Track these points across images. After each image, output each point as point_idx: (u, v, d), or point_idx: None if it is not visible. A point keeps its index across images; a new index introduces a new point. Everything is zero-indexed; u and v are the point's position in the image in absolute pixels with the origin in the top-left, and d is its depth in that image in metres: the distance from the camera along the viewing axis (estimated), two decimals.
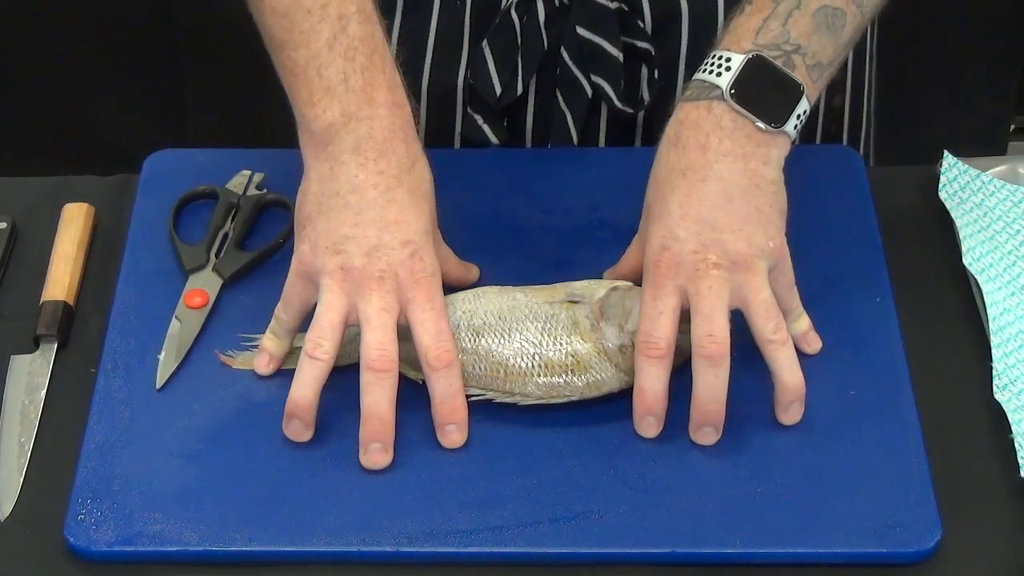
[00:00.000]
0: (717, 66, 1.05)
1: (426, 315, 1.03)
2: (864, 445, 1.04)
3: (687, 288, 1.02)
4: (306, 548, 0.99)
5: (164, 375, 1.08)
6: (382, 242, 1.03)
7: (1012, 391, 1.07)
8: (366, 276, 1.03)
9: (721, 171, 1.04)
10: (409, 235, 1.04)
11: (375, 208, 1.04)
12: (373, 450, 1.02)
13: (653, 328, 1.02)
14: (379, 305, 1.02)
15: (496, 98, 1.24)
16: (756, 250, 1.03)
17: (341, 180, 1.04)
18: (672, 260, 1.03)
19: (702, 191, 1.03)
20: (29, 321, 1.13)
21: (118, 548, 0.99)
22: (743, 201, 1.04)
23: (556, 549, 0.99)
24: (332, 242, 1.04)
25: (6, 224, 1.20)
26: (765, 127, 1.04)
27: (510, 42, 1.24)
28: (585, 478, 1.02)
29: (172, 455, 1.04)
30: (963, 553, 0.99)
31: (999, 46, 2.18)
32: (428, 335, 1.03)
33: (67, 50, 2.14)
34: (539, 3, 1.23)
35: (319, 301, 1.04)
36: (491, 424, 1.05)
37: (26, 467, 1.05)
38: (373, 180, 1.04)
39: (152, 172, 1.23)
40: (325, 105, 1.05)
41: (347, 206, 1.04)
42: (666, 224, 1.04)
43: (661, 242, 1.03)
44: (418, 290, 1.03)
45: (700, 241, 1.03)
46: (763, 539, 0.99)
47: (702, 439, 1.03)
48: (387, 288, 1.03)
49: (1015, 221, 1.18)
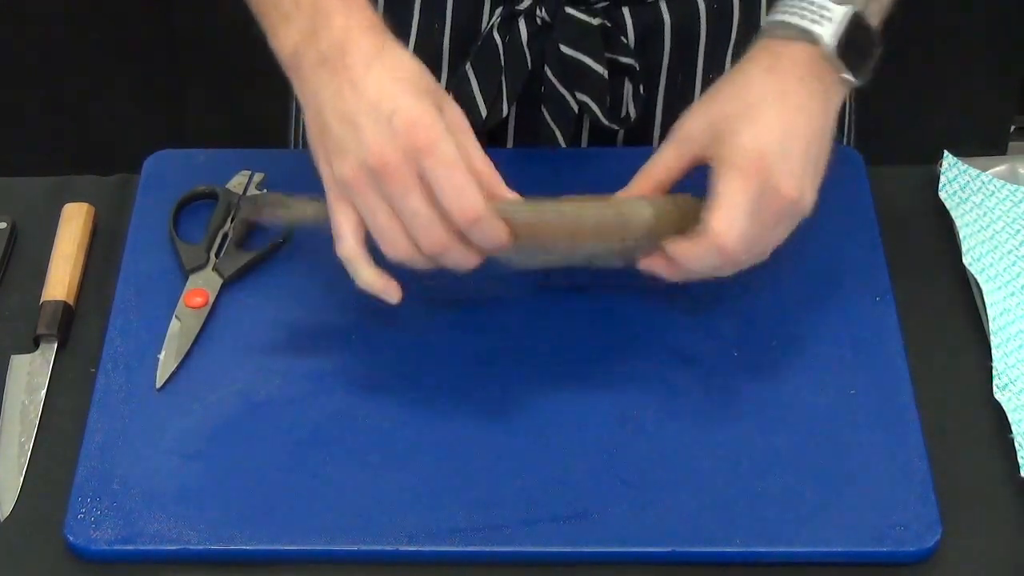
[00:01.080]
0: (814, 13, 1.06)
1: (437, 172, 1.00)
2: (864, 445, 1.04)
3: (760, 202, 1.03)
4: (306, 547, 0.99)
5: (164, 375, 1.08)
6: (372, 122, 1.01)
7: (1012, 391, 1.07)
8: (374, 165, 1.01)
9: (814, 108, 1.05)
10: (393, 104, 1.02)
11: (354, 98, 1.02)
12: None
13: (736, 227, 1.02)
14: (400, 191, 1.00)
15: (482, 121, 1.23)
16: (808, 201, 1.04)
17: (321, 94, 1.04)
18: (767, 161, 1.02)
19: (796, 119, 1.04)
20: (29, 321, 1.13)
21: (118, 547, 0.99)
22: (820, 143, 1.05)
23: (556, 549, 0.99)
24: (337, 148, 1.02)
25: (6, 224, 1.20)
26: (851, 78, 1.06)
27: (493, 64, 1.23)
28: (585, 478, 1.02)
29: (172, 454, 1.04)
30: (963, 553, 0.99)
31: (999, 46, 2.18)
32: (446, 197, 1.01)
33: (67, 50, 2.14)
34: (521, 22, 1.23)
35: (362, 214, 1.03)
36: (491, 424, 1.05)
37: (26, 467, 1.05)
38: (346, 76, 1.03)
39: (152, 172, 1.23)
40: (285, 32, 1.06)
41: (335, 111, 1.03)
42: (763, 129, 1.03)
43: (755, 139, 1.03)
44: (419, 151, 1.00)
45: (789, 164, 1.03)
46: (763, 539, 0.99)
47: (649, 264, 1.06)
48: (395, 166, 1.00)
49: (1015, 221, 1.18)
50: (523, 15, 1.22)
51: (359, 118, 1.01)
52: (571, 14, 1.21)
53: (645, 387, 1.07)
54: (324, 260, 1.16)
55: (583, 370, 1.08)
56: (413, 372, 1.08)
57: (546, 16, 1.22)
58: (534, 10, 1.22)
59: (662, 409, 1.06)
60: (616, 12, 1.22)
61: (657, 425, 1.05)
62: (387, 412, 1.06)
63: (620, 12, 1.22)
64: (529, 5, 1.22)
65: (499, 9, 1.23)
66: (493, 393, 1.07)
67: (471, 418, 1.06)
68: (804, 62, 1.06)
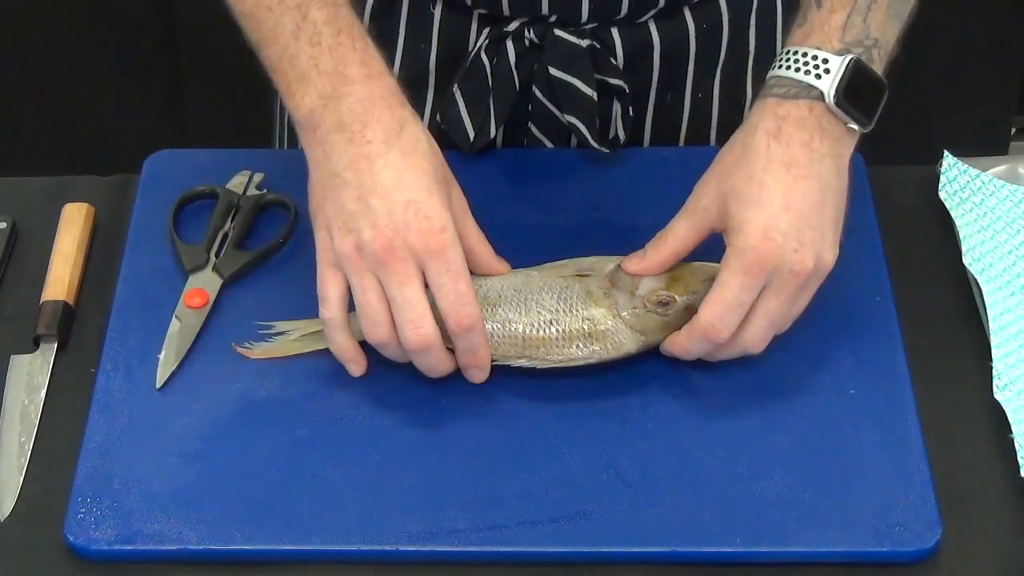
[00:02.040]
0: (814, 66, 1.05)
1: (443, 278, 1.03)
2: (864, 445, 1.04)
3: (771, 283, 1.03)
4: (306, 547, 0.99)
5: (164, 375, 1.08)
6: (385, 209, 1.03)
7: (1012, 391, 1.07)
8: (378, 250, 1.02)
9: (822, 171, 1.05)
10: (410, 195, 1.03)
11: (370, 177, 1.03)
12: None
13: (728, 317, 1.04)
14: (399, 279, 1.02)
15: (469, 144, 1.23)
16: (824, 268, 1.05)
17: (334, 160, 1.04)
18: (776, 253, 1.03)
19: (804, 187, 1.04)
20: (29, 321, 1.13)
21: (118, 547, 0.99)
22: (833, 202, 1.05)
23: (556, 549, 0.99)
24: (343, 222, 1.03)
25: (6, 224, 1.20)
26: (857, 128, 1.06)
27: (482, 85, 1.23)
28: (585, 478, 1.02)
29: (172, 454, 1.04)
30: (963, 553, 0.99)
31: (999, 46, 2.18)
32: (446, 300, 1.03)
33: (67, 50, 2.14)
34: (509, 44, 1.22)
35: (352, 288, 1.04)
36: (491, 424, 1.05)
37: (26, 467, 1.05)
38: (364, 151, 1.04)
39: (152, 172, 1.23)
40: (303, 93, 1.06)
41: (346, 183, 1.04)
42: (769, 212, 1.03)
43: (764, 231, 1.03)
44: (430, 252, 1.02)
45: (800, 240, 1.03)
46: (763, 539, 0.99)
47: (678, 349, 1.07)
48: (401, 256, 1.02)
49: (1015, 221, 1.18)
50: (511, 37, 1.22)
51: (372, 199, 1.02)
52: (560, 36, 1.21)
53: (645, 387, 1.07)
54: None
55: (583, 370, 1.08)
56: (413, 372, 1.08)
57: (535, 38, 1.21)
58: (523, 32, 1.22)
59: (662, 409, 1.06)
60: (605, 33, 1.22)
61: (657, 425, 1.05)
62: (387, 412, 1.06)
63: (609, 33, 1.22)
64: (518, 27, 1.22)
65: (487, 30, 1.23)
66: (493, 393, 1.07)
67: (471, 418, 1.06)
68: (808, 122, 1.05)
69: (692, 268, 1.09)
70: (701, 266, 1.09)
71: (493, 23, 1.22)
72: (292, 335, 1.10)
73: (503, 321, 1.07)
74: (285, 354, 1.10)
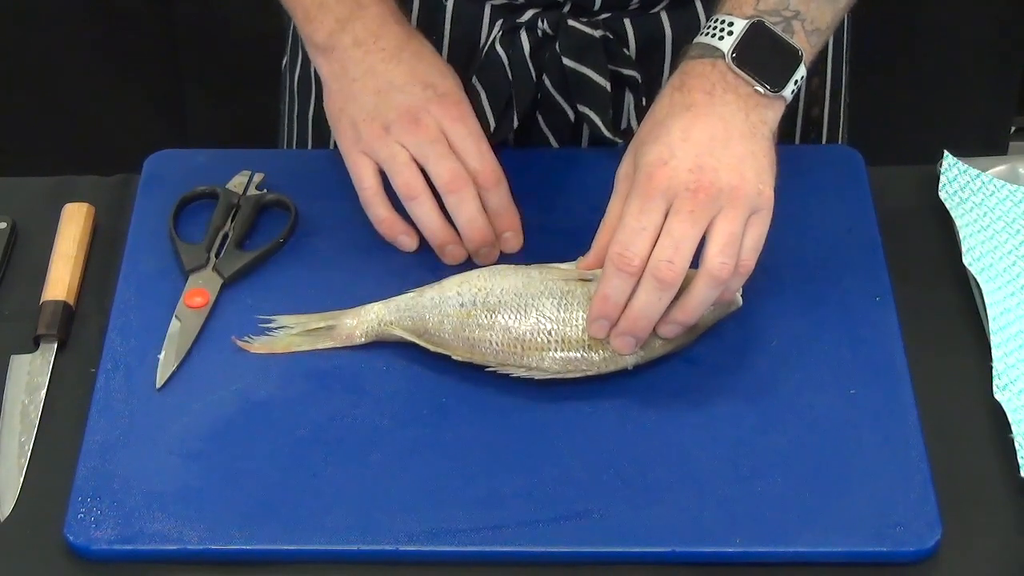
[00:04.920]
0: (719, 30, 1.07)
1: (466, 142, 1.14)
2: (864, 445, 1.04)
3: (673, 206, 1.03)
4: (306, 547, 0.99)
5: (164, 375, 1.08)
6: (405, 94, 1.14)
7: (1012, 391, 1.07)
8: (406, 124, 1.13)
9: (724, 112, 1.06)
10: (426, 79, 1.15)
11: (386, 75, 1.15)
12: (484, 253, 1.14)
13: (631, 243, 1.04)
14: (429, 140, 1.13)
15: (490, 134, 1.23)
16: (748, 186, 1.04)
17: (352, 69, 1.15)
18: (668, 174, 1.03)
19: (705, 123, 1.05)
20: (29, 321, 1.13)
21: (118, 547, 0.99)
22: (741, 143, 1.05)
23: (556, 548, 0.99)
24: (366, 114, 1.14)
25: (6, 224, 1.20)
26: (764, 91, 1.06)
27: (501, 76, 1.24)
28: (585, 478, 1.02)
29: (172, 454, 1.04)
30: (963, 553, 0.99)
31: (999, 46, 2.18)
32: (472, 158, 1.14)
33: (67, 50, 2.14)
34: (523, 35, 1.23)
35: (383, 162, 1.13)
36: (491, 424, 1.05)
37: (26, 467, 1.05)
38: (379, 56, 1.15)
39: (152, 172, 1.23)
40: (321, 18, 1.16)
41: (364, 86, 1.15)
42: (666, 143, 1.05)
43: (659, 157, 1.04)
44: (451, 119, 1.14)
45: (697, 162, 1.03)
46: (763, 539, 0.99)
47: (621, 344, 1.06)
48: (426, 124, 1.13)
49: (1015, 221, 1.18)
50: (525, 27, 1.22)
51: (391, 91, 1.14)
52: (573, 26, 1.21)
53: (645, 387, 1.07)
54: (323, 260, 1.16)
55: None
56: (413, 372, 1.08)
57: (548, 28, 1.22)
58: (536, 22, 1.22)
59: (662, 409, 1.06)
60: (618, 23, 1.22)
61: (657, 425, 1.05)
62: (387, 412, 1.06)
63: (622, 23, 1.22)
64: (531, 17, 1.22)
65: (500, 21, 1.23)
66: (493, 393, 1.07)
67: (471, 418, 1.06)
68: (711, 75, 1.06)
69: None
70: None
71: (506, 13, 1.23)
72: (293, 330, 1.10)
73: (503, 329, 1.07)
74: (285, 350, 1.10)
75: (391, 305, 1.10)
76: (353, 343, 1.09)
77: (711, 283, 1.04)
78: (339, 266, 1.16)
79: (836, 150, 1.29)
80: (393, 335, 1.09)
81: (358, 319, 1.10)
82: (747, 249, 1.04)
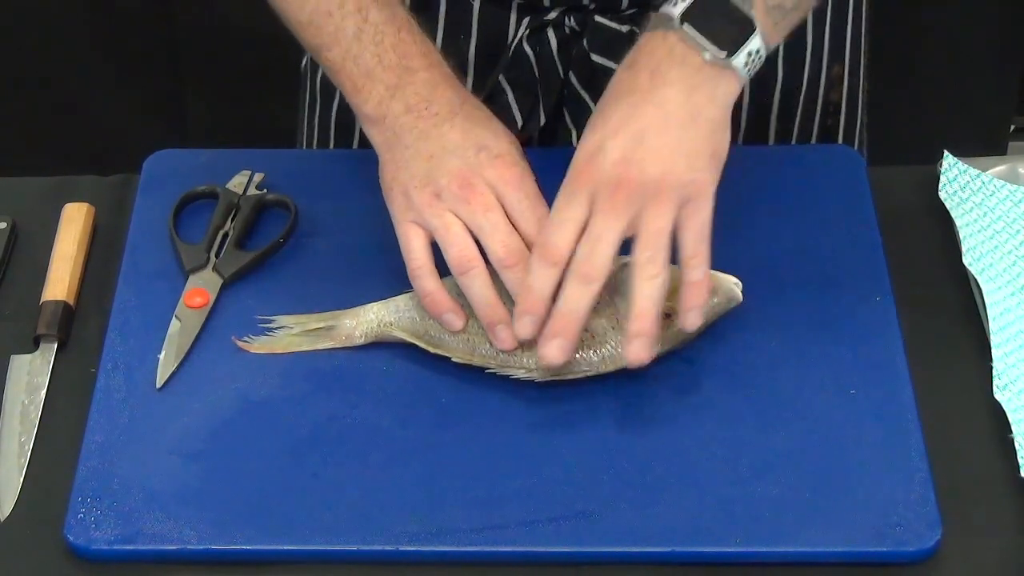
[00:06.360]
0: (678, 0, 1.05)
1: (522, 205, 1.08)
2: (864, 445, 1.04)
3: (595, 201, 1.03)
4: (306, 547, 0.99)
5: (164, 375, 1.08)
6: (458, 158, 1.08)
7: (1012, 391, 1.07)
8: (457, 190, 1.07)
9: (664, 97, 1.04)
10: (481, 142, 1.09)
11: (439, 140, 1.09)
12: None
13: (554, 233, 1.03)
14: (482, 208, 1.07)
15: (518, 131, 1.23)
16: (672, 179, 1.03)
17: (404, 137, 1.10)
18: (594, 168, 1.03)
19: (642, 112, 1.04)
20: (29, 321, 1.13)
21: (118, 547, 0.99)
22: (677, 130, 1.04)
23: (556, 549, 0.99)
24: (418, 181, 1.08)
25: (6, 224, 1.20)
26: (712, 58, 1.04)
27: (527, 74, 1.24)
28: (585, 478, 1.02)
29: (172, 454, 1.04)
30: (963, 553, 0.99)
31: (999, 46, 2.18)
32: (527, 225, 1.07)
33: (67, 50, 2.14)
34: (550, 32, 1.23)
35: (435, 231, 1.07)
36: (491, 424, 1.05)
37: (26, 467, 1.05)
38: (431, 121, 1.10)
39: (152, 172, 1.23)
40: (369, 88, 1.11)
41: (418, 152, 1.09)
42: (600, 135, 1.04)
43: (589, 151, 1.04)
44: (506, 183, 1.08)
45: (624, 156, 1.03)
46: (763, 539, 0.99)
47: (549, 351, 1.04)
48: (480, 190, 1.07)
49: (1015, 221, 1.18)
50: (551, 25, 1.22)
51: (443, 154, 1.08)
52: (600, 22, 1.21)
53: (645, 387, 1.07)
54: (323, 260, 1.16)
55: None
56: (413, 372, 1.08)
57: (575, 25, 1.22)
58: (563, 20, 1.22)
59: (662, 409, 1.06)
60: (644, 19, 1.22)
61: (657, 426, 1.05)
62: (387, 412, 1.06)
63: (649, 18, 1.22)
64: (558, 15, 1.22)
65: (527, 20, 1.23)
66: (493, 393, 1.07)
67: (471, 418, 1.06)
68: (659, 50, 1.05)
69: None
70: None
71: (533, 12, 1.23)
72: (293, 330, 1.10)
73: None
74: (284, 350, 1.10)
75: (391, 306, 1.10)
76: (353, 343, 1.10)
77: (642, 276, 1.02)
78: (339, 266, 1.16)
79: (836, 150, 1.29)
80: (393, 336, 1.09)
81: (358, 320, 1.10)
82: (689, 241, 1.03)
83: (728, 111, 1.05)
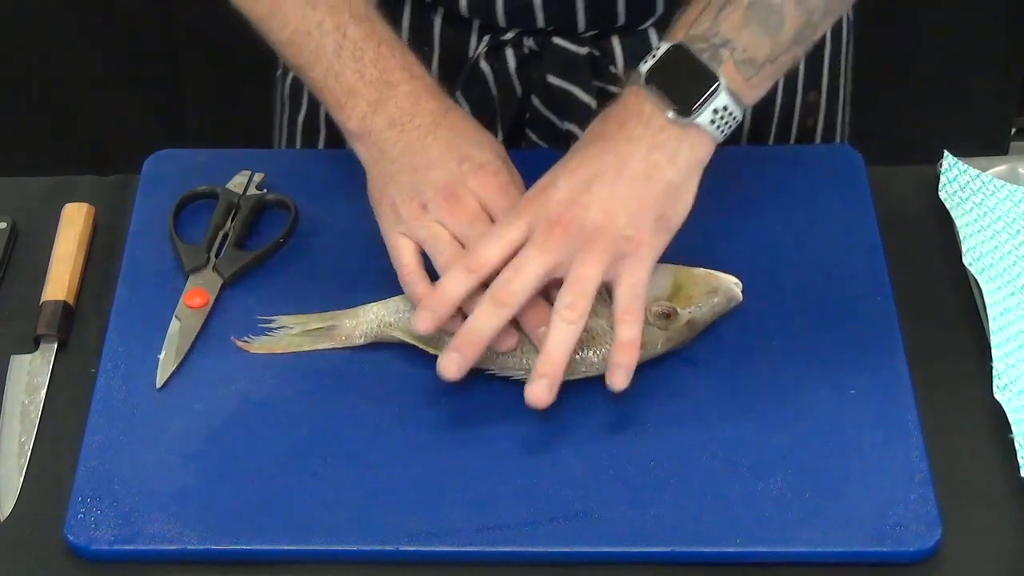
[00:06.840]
0: (650, 55, 1.06)
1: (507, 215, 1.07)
2: (864, 445, 1.04)
3: (533, 231, 1.04)
4: (306, 547, 0.99)
5: (164, 375, 1.08)
6: (441, 170, 1.09)
7: (1012, 391, 1.07)
8: (443, 201, 1.08)
9: (625, 152, 1.04)
10: (464, 153, 1.09)
11: (423, 153, 1.09)
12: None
13: (483, 245, 1.04)
14: (468, 218, 1.08)
15: None
16: (610, 231, 1.03)
17: (389, 151, 1.10)
18: (541, 202, 1.04)
19: (600, 160, 1.04)
20: (29, 321, 1.13)
21: (118, 547, 0.99)
22: (628, 184, 1.04)
23: (556, 549, 0.99)
24: (405, 194, 1.09)
25: (6, 224, 1.20)
26: (675, 117, 1.04)
27: (485, 92, 1.24)
28: (584, 478, 1.02)
29: (172, 455, 1.04)
30: (963, 553, 0.99)
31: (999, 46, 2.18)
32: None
33: (67, 50, 2.14)
34: (508, 51, 1.23)
35: (425, 246, 1.08)
36: (491, 424, 1.05)
37: (26, 467, 1.05)
38: (415, 134, 1.10)
39: (152, 172, 1.23)
40: (352, 104, 1.11)
41: (402, 166, 1.09)
42: (558, 172, 1.05)
43: (543, 184, 1.05)
44: (490, 191, 1.08)
45: (571, 196, 1.03)
46: (763, 539, 0.99)
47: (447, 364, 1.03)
48: (465, 201, 1.08)
49: (1015, 221, 1.18)
50: (510, 44, 1.22)
51: (428, 167, 1.08)
52: (559, 44, 1.21)
53: (645, 387, 1.07)
54: (323, 260, 1.16)
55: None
56: (413, 372, 1.08)
57: (534, 46, 1.22)
58: (520, 40, 1.22)
59: (662, 409, 1.06)
60: (604, 42, 1.22)
61: (657, 425, 1.05)
62: (387, 412, 1.06)
63: (609, 42, 1.22)
64: (515, 35, 1.22)
65: (486, 38, 1.23)
66: (493, 393, 1.07)
67: (471, 418, 1.06)
68: (629, 105, 1.05)
69: (695, 278, 1.08)
70: (706, 276, 1.08)
71: (491, 31, 1.23)
72: (293, 330, 1.10)
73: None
74: (284, 350, 1.10)
75: (391, 306, 1.10)
76: (353, 344, 1.10)
77: (558, 319, 1.02)
78: (339, 266, 1.16)
79: (836, 150, 1.29)
80: (393, 336, 1.09)
81: (358, 320, 1.10)
82: (622, 297, 1.03)
83: (692, 174, 1.05)
